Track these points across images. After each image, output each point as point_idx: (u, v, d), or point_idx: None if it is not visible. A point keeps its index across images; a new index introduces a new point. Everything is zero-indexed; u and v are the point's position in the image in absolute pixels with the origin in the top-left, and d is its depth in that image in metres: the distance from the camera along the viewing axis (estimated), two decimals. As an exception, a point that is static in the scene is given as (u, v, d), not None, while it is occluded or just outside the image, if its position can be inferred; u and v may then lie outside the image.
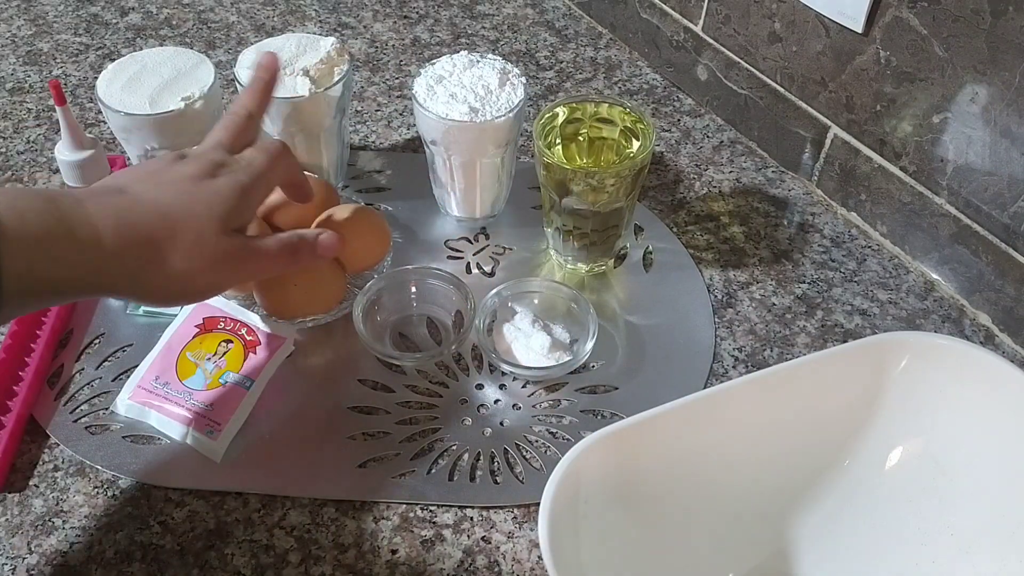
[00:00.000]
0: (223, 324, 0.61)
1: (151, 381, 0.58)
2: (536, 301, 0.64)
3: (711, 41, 0.78)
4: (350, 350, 0.62)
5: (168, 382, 0.58)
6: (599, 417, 0.59)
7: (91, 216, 0.44)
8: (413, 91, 0.64)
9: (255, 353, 0.59)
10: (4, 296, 0.41)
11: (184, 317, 0.61)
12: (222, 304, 0.62)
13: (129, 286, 0.46)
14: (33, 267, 0.42)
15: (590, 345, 0.60)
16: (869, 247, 0.70)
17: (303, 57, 0.66)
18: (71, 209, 0.44)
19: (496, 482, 0.55)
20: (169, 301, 0.51)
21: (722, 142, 0.79)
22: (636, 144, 0.62)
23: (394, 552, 0.52)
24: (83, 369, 0.60)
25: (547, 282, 0.64)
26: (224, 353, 0.59)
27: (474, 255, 0.69)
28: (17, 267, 0.41)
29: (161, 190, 0.47)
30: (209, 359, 0.59)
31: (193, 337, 0.60)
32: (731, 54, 0.77)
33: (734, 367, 0.62)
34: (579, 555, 0.46)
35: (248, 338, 0.60)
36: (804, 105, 0.72)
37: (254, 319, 0.61)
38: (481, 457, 0.56)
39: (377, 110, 0.81)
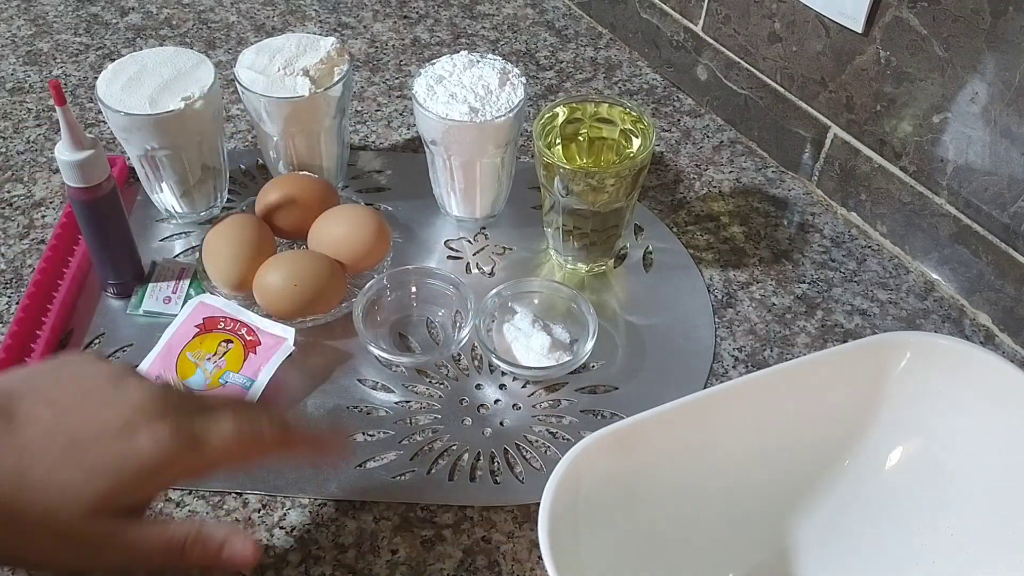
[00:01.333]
0: (223, 324, 0.61)
1: (151, 381, 0.58)
2: (536, 301, 0.64)
3: (711, 41, 0.78)
4: (350, 350, 0.62)
5: (168, 382, 0.58)
6: (599, 417, 0.59)
7: None
8: (413, 91, 0.64)
9: (255, 353, 0.59)
10: None
11: (184, 317, 0.61)
12: (222, 304, 0.62)
13: None
14: None
15: (590, 345, 0.60)
16: (869, 247, 0.71)
17: (303, 57, 0.66)
18: None
19: (496, 482, 0.55)
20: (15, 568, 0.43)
21: (722, 142, 0.79)
22: (636, 144, 0.62)
23: (394, 552, 0.52)
24: (83, 369, 0.60)
25: (547, 282, 0.64)
26: (224, 353, 0.59)
27: (474, 255, 0.69)
28: None
29: (55, 431, 0.38)
30: (209, 359, 0.59)
31: (193, 337, 0.60)
32: (731, 54, 0.77)
33: (734, 367, 0.62)
34: (579, 555, 0.46)
35: (248, 338, 0.60)
36: (804, 105, 0.72)
37: (254, 319, 0.61)
38: (481, 457, 0.56)
39: (377, 110, 0.81)
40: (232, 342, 0.60)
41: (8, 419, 0.38)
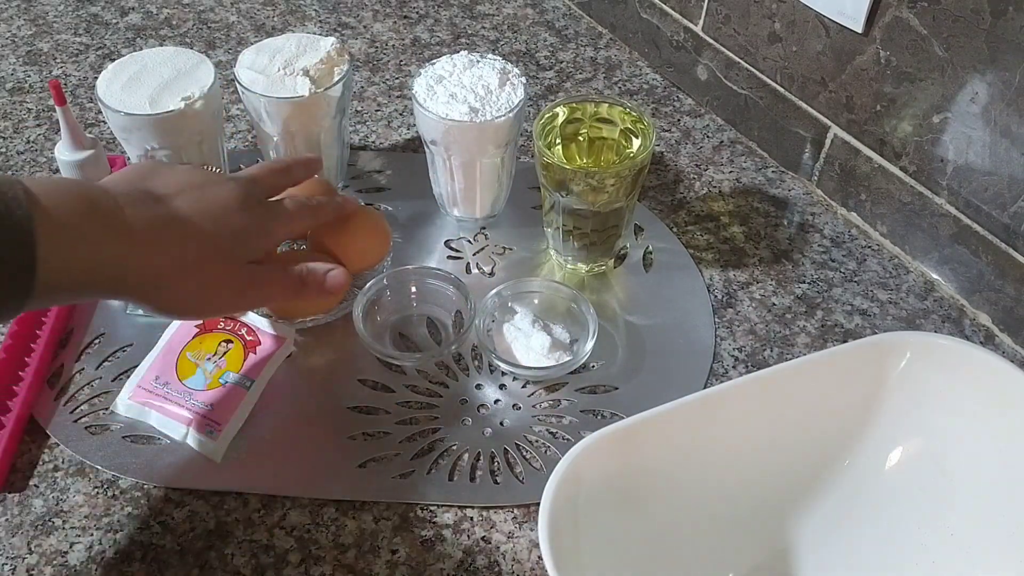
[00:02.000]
0: (223, 324, 0.61)
1: (151, 381, 0.58)
2: (536, 301, 0.64)
3: (711, 41, 0.78)
4: (350, 350, 0.62)
5: (168, 382, 0.58)
6: (599, 417, 0.59)
7: (128, 222, 0.46)
8: (413, 91, 0.64)
9: (255, 353, 0.59)
10: (36, 286, 0.42)
11: (184, 317, 0.61)
12: (222, 304, 0.62)
13: (149, 293, 0.48)
14: (68, 261, 0.44)
15: (590, 345, 0.60)
16: (869, 247, 0.71)
17: (303, 57, 0.66)
18: (109, 212, 0.46)
19: (496, 482, 0.55)
20: (178, 315, 0.56)
21: (722, 142, 0.79)
22: (636, 144, 0.62)
23: (394, 552, 0.52)
24: (83, 369, 0.60)
25: (547, 282, 0.64)
26: (224, 353, 0.59)
27: (474, 255, 0.69)
28: (52, 260, 0.43)
29: (199, 209, 0.49)
30: (209, 359, 0.59)
31: (193, 337, 0.60)
32: (731, 54, 0.77)
33: (734, 367, 0.62)
34: (579, 555, 0.46)
35: (248, 338, 0.60)
36: (804, 105, 0.72)
37: (254, 319, 0.61)
38: (481, 457, 0.56)
39: (377, 110, 0.81)
40: (232, 342, 0.60)
41: (168, 205, 0.49)
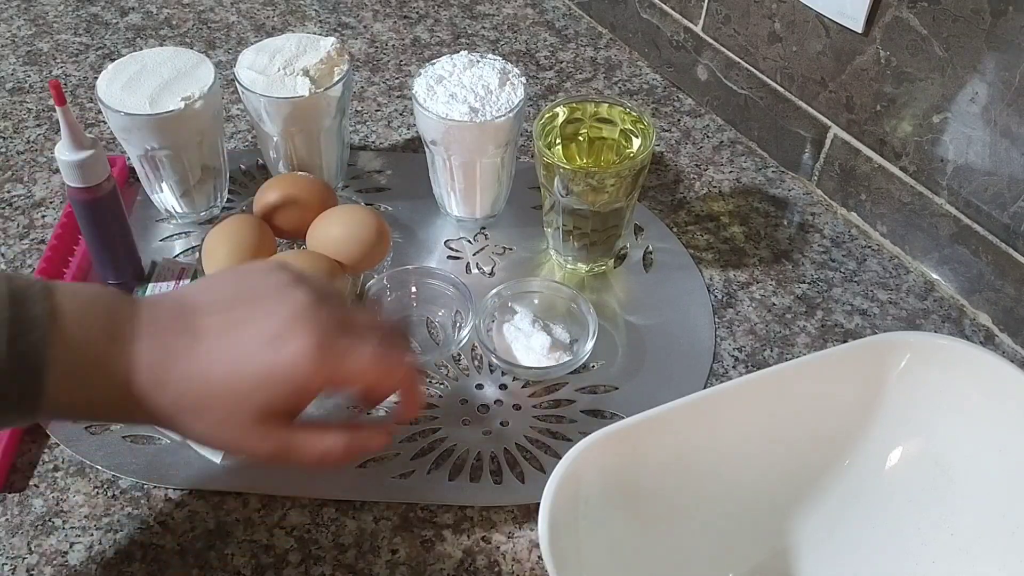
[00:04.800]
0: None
1: (151, 381, 0.58)
2: (536, 301, 0.64)
3: (711, 41, 0.78)
4: (350, 350, 0.62)
5: (168, 382, 0.58)
6: (599, 417, 0.59)
7: (135, 360, 0.41)
8: (413, 91, 0.64)
9: (255, 353, 0.59)
10: (42, 409, 0.40)
11: (184, 317, 0.61)
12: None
13: (174, 427, 0.43)
14: (72, 396, 0.41)
15: (590, 345, 0.60)
16: (869, 247, 0.71)
17: (303, 57, 0.66)
18: (117, 352, 0.41)
19: (496, 482, 0.55)
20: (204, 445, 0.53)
21: (722, 142, 0.79)
22: (636, 144, 0.62)
23: (394, 552, 0.52)
24: (83, 369, 0.60)
25: (547, 282, 0.64)
26: (224, 353, 0.59)
27: (474, 255, 0.69)
28: (60, 394, 0.40)
29: (230, 346, 0.42)
30: (209, 359, 0.59)
31: (193, 337, 0.60)
32: (731, 54, 0.77)
33: (734, 367, 0.62)
34: (579, 555, 0.46)
35: (248, 338, 0.60)
36: (804, 105, 0.72)
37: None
38: (481, 457, 0.56)
39: (377, 110, 0.81)
40: (232, 342, 0.60)
41: (193, 335, 0.42)
